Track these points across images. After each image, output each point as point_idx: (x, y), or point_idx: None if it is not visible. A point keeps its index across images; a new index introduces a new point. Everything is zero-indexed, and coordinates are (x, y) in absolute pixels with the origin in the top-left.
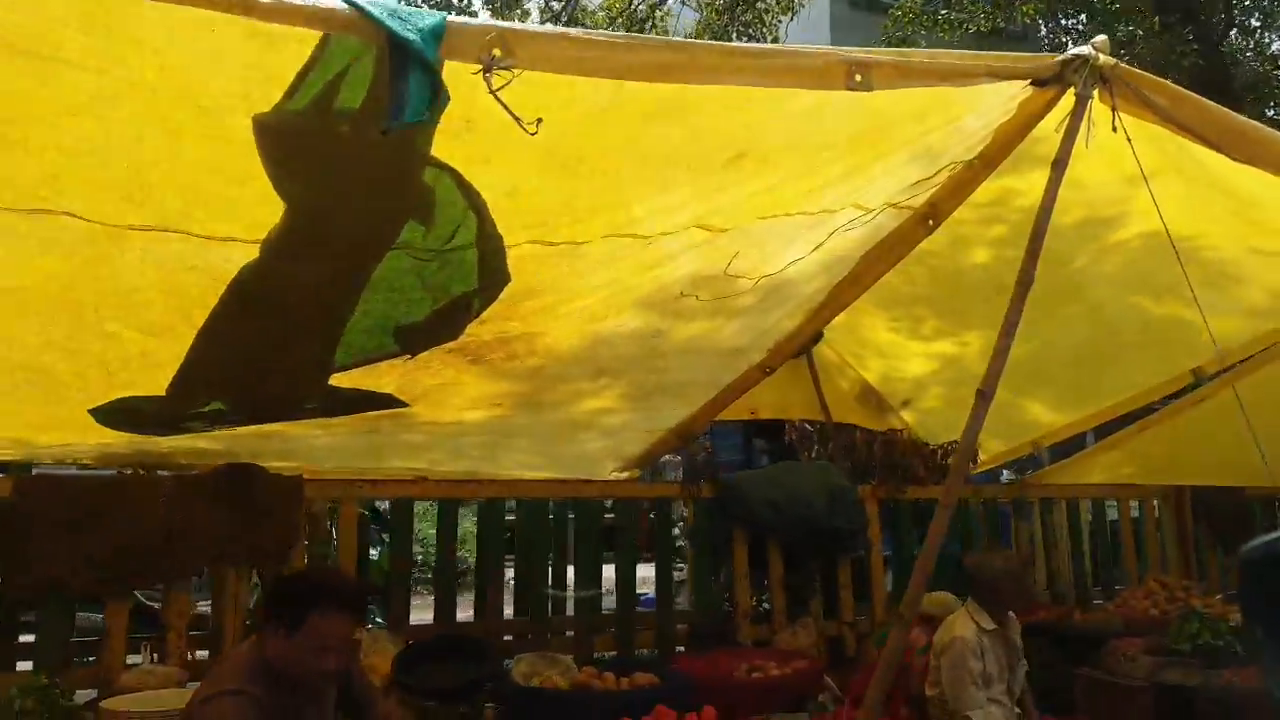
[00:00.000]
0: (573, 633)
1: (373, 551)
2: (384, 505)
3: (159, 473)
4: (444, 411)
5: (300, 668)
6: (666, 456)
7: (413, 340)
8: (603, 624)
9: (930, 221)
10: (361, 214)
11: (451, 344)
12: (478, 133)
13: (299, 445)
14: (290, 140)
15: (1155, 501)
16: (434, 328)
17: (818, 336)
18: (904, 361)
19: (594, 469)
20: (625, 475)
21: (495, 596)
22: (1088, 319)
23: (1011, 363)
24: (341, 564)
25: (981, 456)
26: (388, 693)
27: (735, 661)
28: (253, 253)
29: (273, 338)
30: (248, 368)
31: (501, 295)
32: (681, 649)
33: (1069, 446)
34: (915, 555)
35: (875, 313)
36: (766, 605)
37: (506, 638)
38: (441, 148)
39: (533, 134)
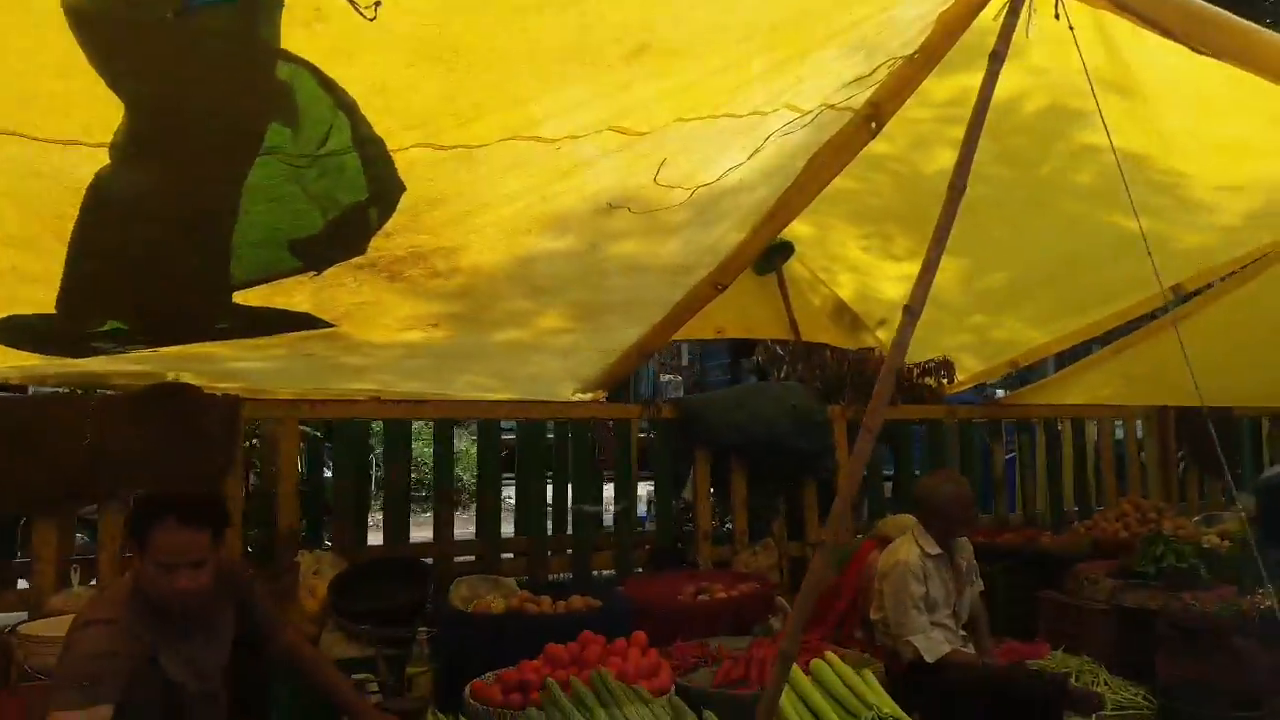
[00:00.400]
0: (526, 554)
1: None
2: None
3: (100, 392)
4: (375, 332)
5: (155, 589)
6: (667, 376)
7: (313, 255)
8: (559, 545)
9: (873, 124)
10: (213, 114)
11: (360, 259)
12: (331, 23)
13: (239, 368)
14: (112, 30)
15: (1138, 421)
16: (332, 241)
17: (787, 252)
18: (878, 282)
19: (554, 390)
20: (590, 396)
21: (448, 518)
22: (1064, 233)
23: (990, 284)
24: (283, 484)
25: (959, 376)
26: (325, 616)
27: (685, 584)
28: (102, 158)
29: (150, 250)
30: (134, 283)
31: (401, 205)
32: (640, 570)
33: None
34: (888, 476)
35: (844, 227)
36: (729, 526)
37: (466, 558)
38: (293, 40)
39: (370, 19)
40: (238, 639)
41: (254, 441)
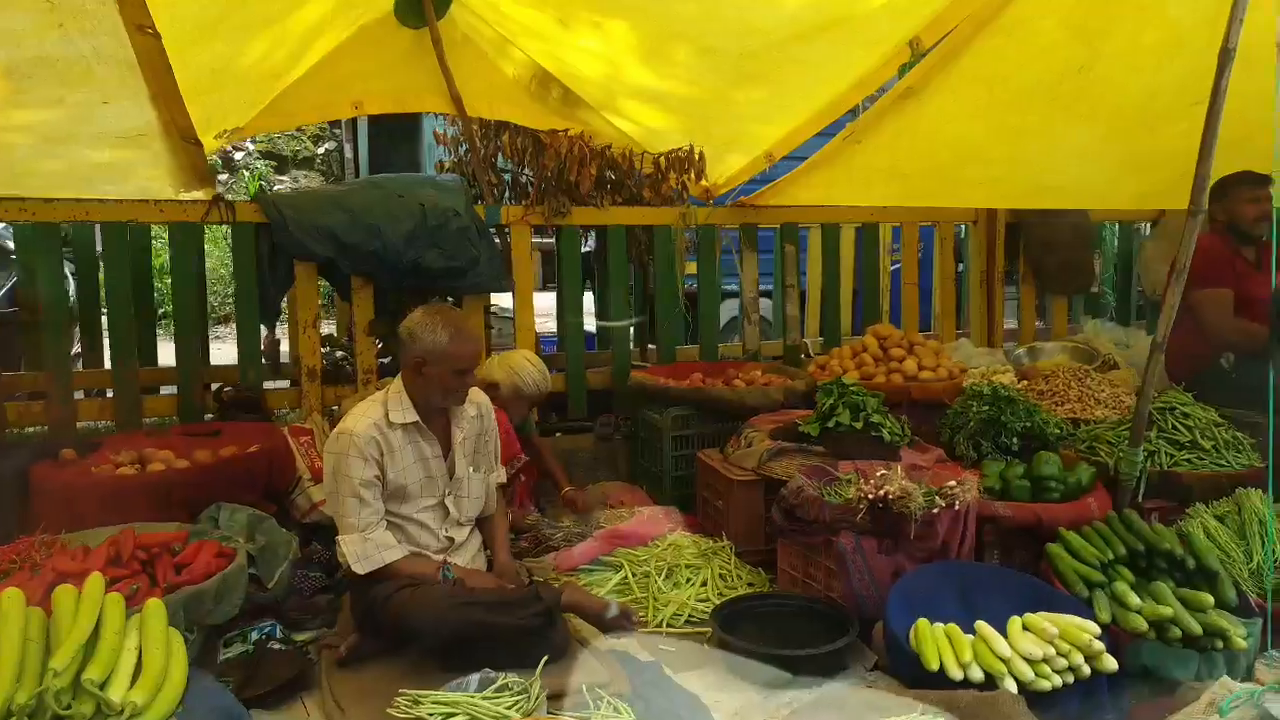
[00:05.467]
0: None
1: None
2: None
3: None
4: None
5: None
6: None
7: None
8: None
9: None
10: None
11: None
12: None
13: None
14: None
15: (965, 226)
16: None
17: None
18: (566, 50)
19: (146, 189)
20: (200, 195)
21: None
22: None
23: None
24: None
25: (715, 176)
26: None
27: (171, 444)
28: None
29: None
30: None
31: None
32: (209, 417)
33: None
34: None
35: None
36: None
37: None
38: None
39: None
40: None
41: None
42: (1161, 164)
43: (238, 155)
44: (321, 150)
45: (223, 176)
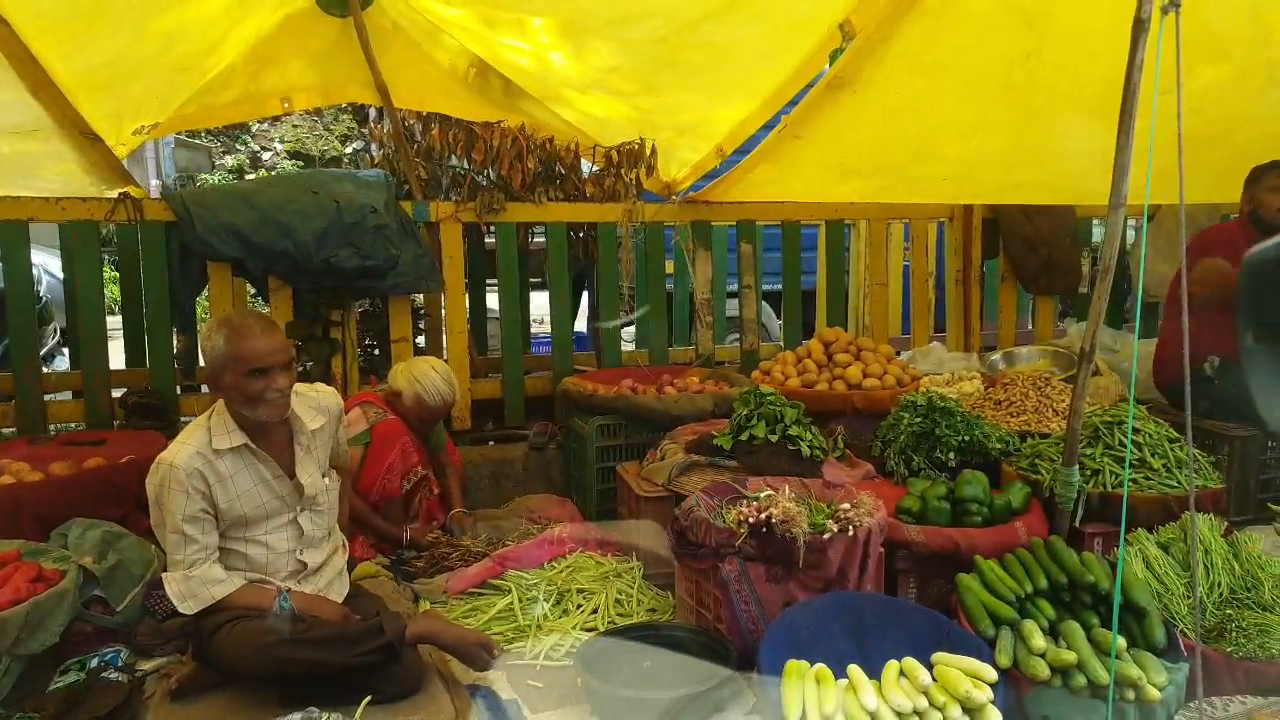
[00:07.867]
0: None
1: None
2: None
3: None
4: None
5: None
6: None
7: None
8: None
9: None
10: None
11: None
12: None
13: None
14: None
15: (939, 223)
16: None
17: None
18: (496, 46)
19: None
20: (115, 192)
21: None
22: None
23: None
24: None
25: (674, 171)
26: None
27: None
28: None
29: None
30: None
31: None
32: (117, 424)
33: None
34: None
35: None
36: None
37: None
38: None
39: None
40: None
41: None
42: (1135, 157)
43: (265, 155)
44: (349, 150)
45: (249, 177)
